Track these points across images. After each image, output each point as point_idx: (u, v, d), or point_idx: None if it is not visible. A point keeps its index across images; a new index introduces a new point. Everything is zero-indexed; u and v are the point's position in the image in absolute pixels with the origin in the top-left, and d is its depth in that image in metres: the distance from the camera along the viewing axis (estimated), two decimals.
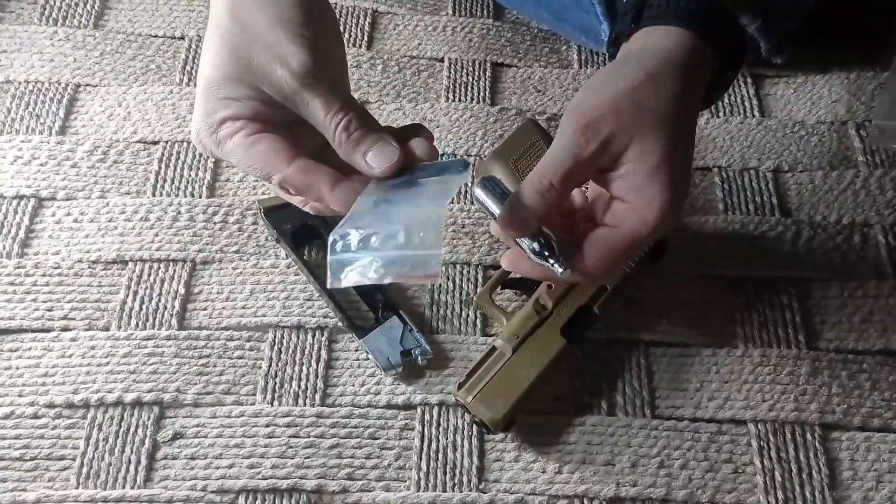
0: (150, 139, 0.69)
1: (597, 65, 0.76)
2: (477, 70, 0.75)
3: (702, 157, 0.70)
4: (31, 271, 0.61)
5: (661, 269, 0.63)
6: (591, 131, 0.45)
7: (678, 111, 0.46)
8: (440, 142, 0.69)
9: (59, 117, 0.69)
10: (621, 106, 0.46)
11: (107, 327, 0.59)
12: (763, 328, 0.61)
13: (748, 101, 0.74)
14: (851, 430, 0.58)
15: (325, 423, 0.56)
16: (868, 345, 0.61)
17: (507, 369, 0.55)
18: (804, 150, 0.71)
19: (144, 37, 0.75)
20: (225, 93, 0.45)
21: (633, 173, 0.46)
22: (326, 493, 0.54)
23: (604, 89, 0.47)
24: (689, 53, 0.47)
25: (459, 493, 0.54)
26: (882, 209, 0.68)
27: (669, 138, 0.45)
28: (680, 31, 0.47)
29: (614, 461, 0.56)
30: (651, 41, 0.48)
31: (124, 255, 0.62)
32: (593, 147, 0.45)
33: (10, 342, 0.58)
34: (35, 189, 0.65)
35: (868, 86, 0.75)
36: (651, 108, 0.46)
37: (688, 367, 0.59)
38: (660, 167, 0.45)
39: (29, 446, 0.54)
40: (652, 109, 0.46)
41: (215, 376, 0.58)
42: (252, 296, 0.61)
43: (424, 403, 0.57)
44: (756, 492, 0.55)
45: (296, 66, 0.43)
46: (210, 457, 0.55)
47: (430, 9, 0.79)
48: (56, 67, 0.72)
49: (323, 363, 0.58)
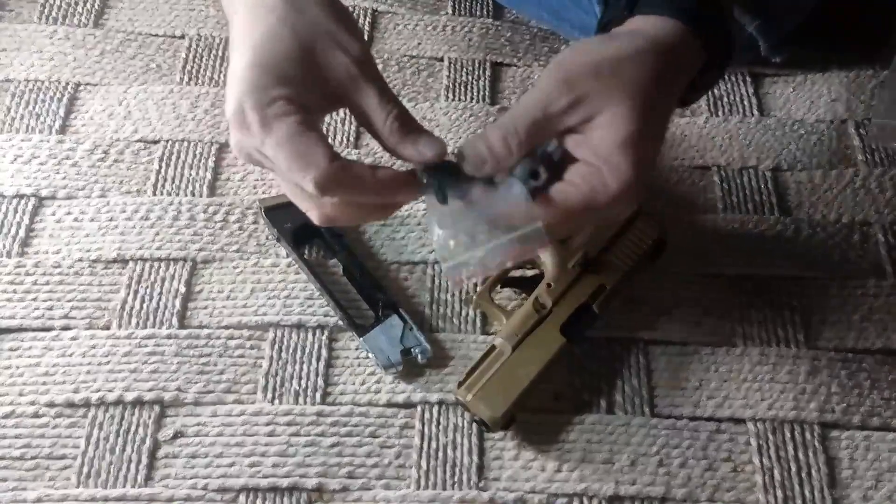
0: (150, 138, 0.69)
1: None
2: (477, 69, 0.75)
3: (701, 156, 0.70)
4: (31, 270, 0.61)
5: (660, 268, 0.63)
6: (566, 86, 0.45)
7: (656, 92, 0.46)
8: None
9: (59, 116, 0.69)
10: (602, 70, 0.46)
11: (107, 326, 0.59)
12: (762, 327, 0.61)
13: (747, 99, 0.74)
14: (851, 429, 0.57)
15: (325, 422, 0.56)
16: (867, 343, 0.61)
17: (507, 368, 0.55)
18: (803, 148, 0.71)
19: (145, 36, 0.75)
20: (282, 70, 0.44)
21: (602, 140, 0.45)
22: (327, 491, 0.54)
23: (590, 52, 0.47)
24: (678, 43, 0.48)
25: (459, 491, 0.54)
26: (881, 208, 0.68)
27: (643, 115, 0.45)
28: (673, 21, 0.48)
29: (613, 459, 0.56)
30: (644, 26, 0.48)
31: (125, 254, 0.62)
32: (564, 102, 0.45)
33: (11, 341, 0.58)
34: (35, 188, 0.65)
35: (867, 84, 0.75)
36: (631, 79, 0.46)
37: (687, 366, 0.60)
38: (629, 140, 0.45)
39: (29, 445, 0.54)
40: (633, 81, 0.46)
41: (216, 375, 0.58)
42: (253, 295, 0.61)
43: (424, 402, 0.57)
44: (755, 490, 0.55)
45: (356, 54, 0.45)
46: (211, 455, 0.55)
47: (430, 8, 0.80)
48: (56, 66, 0.72)
49: (323, 362, 0.59)
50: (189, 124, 0.69)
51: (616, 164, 0.45)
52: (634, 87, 0.46)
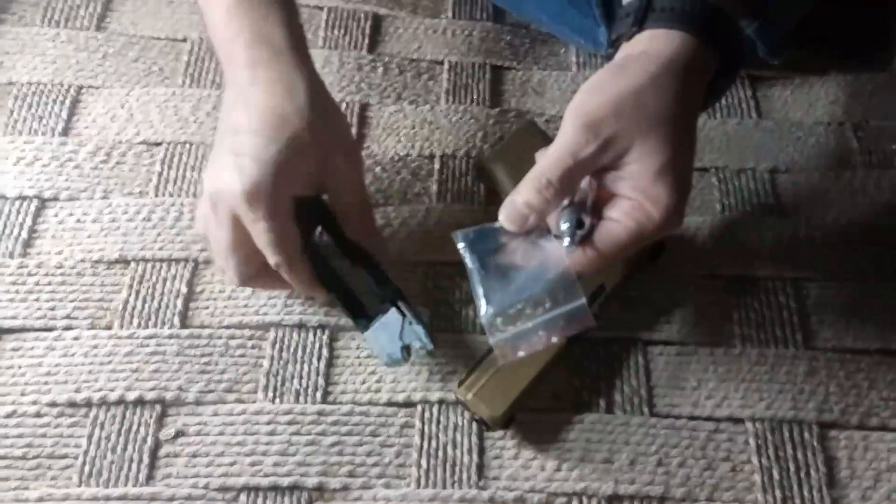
0: (152, 140, 0.69)
1: (595, 67, 0.77)
2: (477, 73, 0.75)
3: (699, 158, 0.70)
4: (33, 271, 0.62)
5: (658, 269, 0.63)
6: (592, 131, 0.46)
7: (680, 114, 0.47)
8: (441, 144, 0.70)
9: (61, 119, 0.70)
10: (623, 108, 0.46)
11: (109, 326, 0.60)
12: (760, 327, 0.61)
13: (745, 102, 0.74)
14: (849, 429, 0.58)
15: (326, 421, 0.56)
16: (865, 344, 0.61)
17: (507, 367, 0.55)
18: (801, 150, 0.71)
19: (147, 39, 0.76)
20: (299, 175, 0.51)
21: (639, 174, 0.46)
22: (328, 490, 0.54)
23: (606, 90, 0.47)
24: (692, 57, 0.48)
25: (459, 490, 0.54)
26: (879, 210, 0.68)
27: (673, 141, 0.46)
28: (683, 34, 0.48)
29: (613, 459, 0.56)
30: (654, 44, 0.48)
31: (127, 254, 0.63)
32: (593, 147, 0.46)
33: (13, 341, 0.59)
34: (38, 190, 0.66)
35: (866, 87, 0.75)
36: (654, 110, 0.46)
37: (686, 366, 0.60)
38: (665, 169, 0.46)
39: (31, 445, 0.55)
40: (655, 112, 0.46)
41: (217, 374, 0.58)
42: (254, 295, 0.61)
43: (424, 401, 0.58)
44: (754, 490, 0.55)
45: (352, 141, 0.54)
46: (212, 454, 0.55)
47: (431, 12, 0.80)
48: (59, 69, 0.73)
49: (324, 361, 0.59)
50: (191, 127, 0.70)
51: (656, 195, 0.46)
52: (658, 117, 0.46)
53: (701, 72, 0.49)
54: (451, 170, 0.69)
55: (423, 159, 0.69)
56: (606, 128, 0.46)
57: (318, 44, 0.76)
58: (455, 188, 0.68)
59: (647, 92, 0.46)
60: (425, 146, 0.70)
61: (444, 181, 0.68)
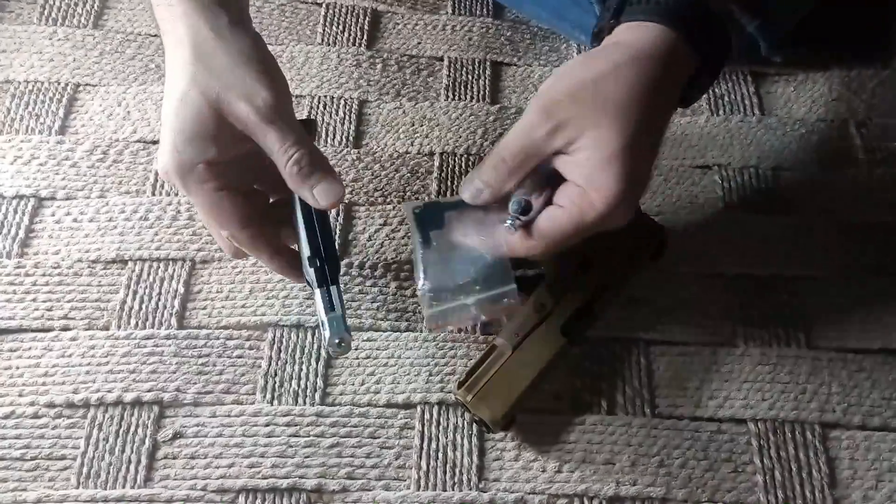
0: (149, 139, 0.69)
1: None
2: (477, 69, 0.75)
3: (702, 156, 0.70)
4: (30, 271, 0.61)
5: (660, 268, 0.63)
6: (546, 113, 0.47)
7: (641, 105, 0.47)
8: (441, 141, 0.70)
9: (58, 117, 0.69)
10: (580, 93, 0.47)
11: (106, 327, 0.59)
12: (763, 327, 0.61)
13: (748, 99, 0.74)
14: (851, 429, 0.58)
15: (324, 423, 0.56)
16: (868, 343, 0.61)
17: (507, 368, 0.55)
18: (804, 148, 0.71)
19: (144, 36, 0.75)
20: (196, 133, 0.47)
21: (587, 160, 0.47)
22: (326, 492, 0.54)
23: (569, 76, 0.48)
24: (664, 49, 0.48)
25: (459, 491, 0.54)
26: (882, 207, 0.67)
27: (627, 131, 0.46)
28: (658, 27, 0.48)
29: (614, 460, 0.56)
30: (626, 35, 0.49)
31: (124, 254, 0.62)
32: (545, 129, 0.47)
33: (10, 342, 0.58)
34: (35, 189, 0.65)
35: (868, 84, 0.75)
36: (611, 98, 0.46)
37: (688, 366, 0.59)
38: (614, 157, 0.46)
39: (29, 446, 0.55)
40: (612, 100, 0.46)
41: (215, 375, 0.58)
42: (251, 295, 0.61)
43: (424, 402, 0.57)
44: (756, 491, 0.55)
45: (259, 103, 0.47)
46: (210, 456, 0.55)
47: (430, 7, 0.79)
48: (56, 67, 0.72)
49: (323, 362, 0.59)
50: None
51: (601, 183, 0.46)
52: (614, 105, 0.46)
53: (674, 65, 0.48)
54: (451, 167, 0.68)
55: (422, 156, 0.69)
56: (561, 111, 0.47)
57: (317, 40, 0.75)
58: (455, 185, 0.67)
59: (608, 80, 0.47)
60: (425, 143, 0.70)
61: (443, 179, 0.68)
